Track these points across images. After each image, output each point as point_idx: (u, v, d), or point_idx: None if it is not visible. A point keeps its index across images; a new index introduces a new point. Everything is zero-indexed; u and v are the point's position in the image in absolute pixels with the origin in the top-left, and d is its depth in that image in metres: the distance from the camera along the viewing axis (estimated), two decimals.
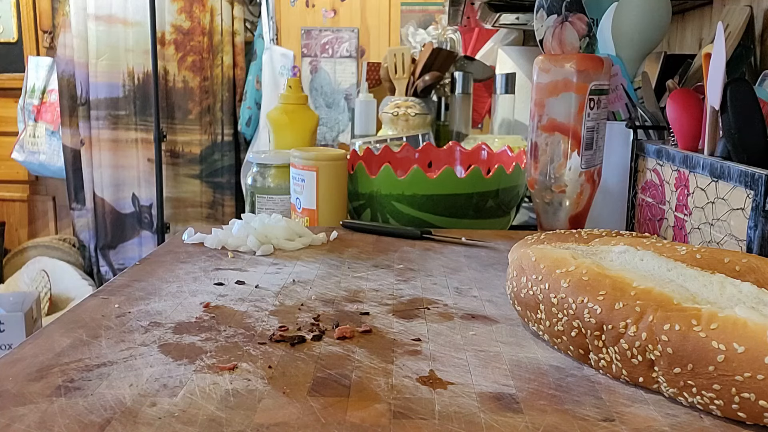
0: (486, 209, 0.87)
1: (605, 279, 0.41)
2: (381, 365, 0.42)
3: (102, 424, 0.34)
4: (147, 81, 2.73)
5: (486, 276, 0.63)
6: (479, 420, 0.36)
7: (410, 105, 1.63)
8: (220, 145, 2.83)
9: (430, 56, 1.78)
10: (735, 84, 0.60)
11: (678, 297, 0.38)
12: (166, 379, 0.40)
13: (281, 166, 0.95)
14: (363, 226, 0.81)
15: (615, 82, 0.88)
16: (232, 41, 2.83)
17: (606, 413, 0.37)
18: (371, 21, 2.98)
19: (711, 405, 0.36)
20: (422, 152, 1.07)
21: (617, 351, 0.40)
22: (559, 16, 0.94)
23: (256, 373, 0.41)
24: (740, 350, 0.34)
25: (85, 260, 2.86)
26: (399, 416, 0.36)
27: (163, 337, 0.46)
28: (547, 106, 0.80)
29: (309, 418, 0.36)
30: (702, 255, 0.48)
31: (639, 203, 0.80)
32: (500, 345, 0.46)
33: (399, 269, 0.65)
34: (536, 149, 0.82)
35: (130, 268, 0.63)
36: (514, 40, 2.08)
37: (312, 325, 0.49)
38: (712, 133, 0.64)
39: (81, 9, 2.70)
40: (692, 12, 1.19)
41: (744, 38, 0.92)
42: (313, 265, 0.66)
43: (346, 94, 2.97)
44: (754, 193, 0.54)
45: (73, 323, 0.48)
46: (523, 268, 0.48)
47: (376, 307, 0.54)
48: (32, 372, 0.40)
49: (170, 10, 2.74)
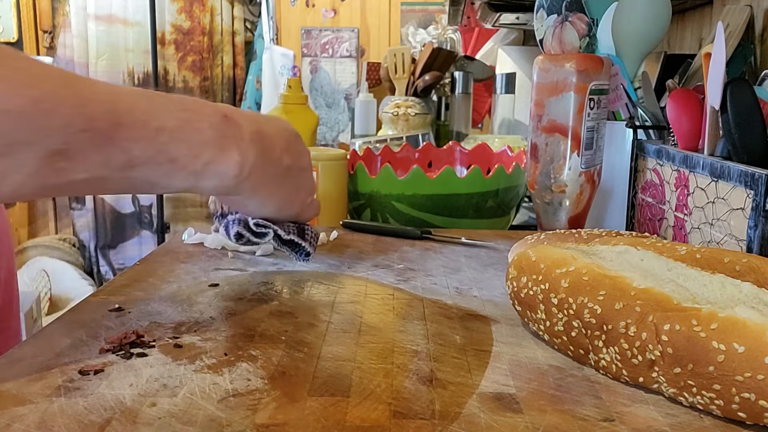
0: (486, 209, 0.87)
1: (605, 279, 0.41)
2: (381, 365, 0.42)
3: (102, 424, 0.34)
4: (147, 81, 2.74)
5: (486, 276, 0.63)
6: (479, 420, 0.36)
7: (410, 105, 1.63)
8: None
9: (430, 56, 1.78)
10: (735, 84, 0.60)
11: (678, 297, 0.38)
12: (166, 379, 0.40)
13: None
14: (363, 226, 0.81)
15: (615, 82, 0.88)
16: (232, 41, 2.84)
17: (606, 413, 0.37)
18: (371, 21, 2.98)
19: (711, 405, 0.36)
20: (422, 152, 1.07)
21: (617, 351, 0.40)
22: (559, 16, 0.94)
23: (256, 373, 0.41)
24: (740, 350, 0.34)
25: (85, 260, 2.86)
26: (399, 416, 0.36)
27: (163, 337, 0.46)
28: (547, 106, 0.80)
29: (309, 418, 0.36)
30: (702, 255, 0.48)
31: (639, 203, 0.80)
32: (500, 345, 0.46)
33: (399, 269, 0.65)
34: (536, 149, 0.82)
35: (130, 268, 0.63)
36: (514, 40, 2.08)
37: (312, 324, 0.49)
38: (712, 133, 0.64)
39: (81, 9, 2.71)
40: (692, 12, 1.19)
41: (744, 38, 0.92)
42: (313, 265, 0.66)
43: (346, 94, 2.97)
44: (754, 193, 0.54)
45: (73, 323, 0.48)
46: (523, 268, 0.48)
47: (376, 306, 0.54)
48: (32, 372, 0.40)
49: (170, 10, 2.75)
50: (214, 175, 0.46)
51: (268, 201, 0.54)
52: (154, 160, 0.42)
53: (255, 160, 0.48)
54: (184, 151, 0.44)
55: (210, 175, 0.46)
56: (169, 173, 0.44)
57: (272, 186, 0.53)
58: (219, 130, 0.46)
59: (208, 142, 0.45)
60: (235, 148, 0.47)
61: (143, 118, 0.42)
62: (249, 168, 0.48)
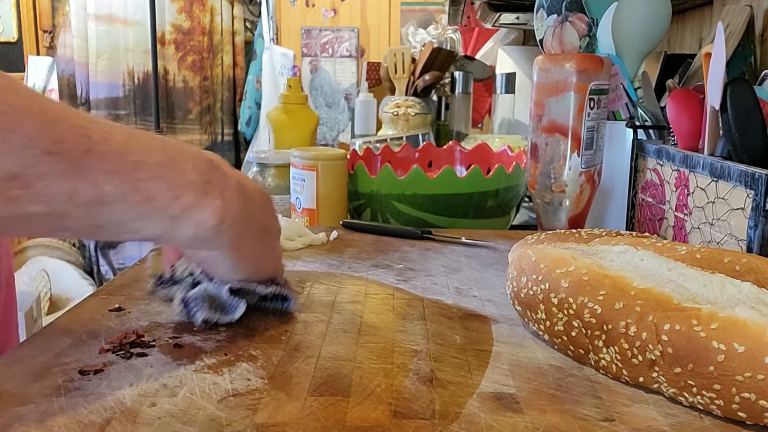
0: (486, 209, 0.87)
1: (605, 279, 0.41)
2: (381, 365, 0.42)
3: (102, 424, 0.34)
4: (147, 81, 2.74)
5: (486, 276, 0.63)
6: (479, 420, 0.36)
7: (410, 105, 1.63)
8: (220, 144, 2.83)
9: (430, 56, 1.78)
10: (735, 84, 0.60)
11: (678, 297, 0.38)
12: (166, 379, 0.40)
13: (281, 165, 0.95)
14: (363, 225, 0.81)
15: (615, 82, 0.88)
16: (232, 41, 2.84)
17: (606, 413, 0.37)
18: (371, 21, 2.98)
19: (711, 405, 0.36)
20: (422, 152, 1.07)
21: (617, 351, 0.40)
22: (559, 16, 0.94)
23: (256, 373, 0.41)
24: (740, 350, 0.34)
25: (85, 260, 2.86)
26: (399, 416, 0.36)
27: (163, 337, 0.46)
28: (547, 106, 0.80)
29: (309, 418, 0.36)
30: (702, 255, 0.48)
31: (639, 203, 0.80)
32: (500, 345, 0.46)
33: (399, 269, 0.65)
34: (536, 149, 0.82)
35: (130, 268, 0.63)
36: (514, 40, 2.08)
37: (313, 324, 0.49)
38: (712, 133, 0.64)
39: (81, 9, 2.70)
40: (692, 12, 1.19)
41: (744, 38, 0.92)
42: (313, 264, 0.66)
43: (346, 94, 2.97)
44: (754, 193, 0.54)
45: (73, 323, 0.48)
46: (523, 268, 0.48)
47: (376, 306, 0.54)
48: (32, 372, 0.40)
49: (170, 9, 2.75)
50: (194, 222, 0.40)
51: (243, 261, 0.47)
52: (127, 199, 0.37)
53: (237, 212, 0.43)
54: (163, 191, 0.38)
55: (188, 222, 0.40)
56: (142, 215, 0.38)
57: (250, 244, 0.47)
58: (203, 174, 0.41)
59: (191, 185, 0.40)
60: (219, 195, 0.42)
61: (120, 150, 0.37)
62: (231, 219, 0.43)
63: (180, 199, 0.39)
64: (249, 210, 0.45)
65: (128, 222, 0.38)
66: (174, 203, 0.39)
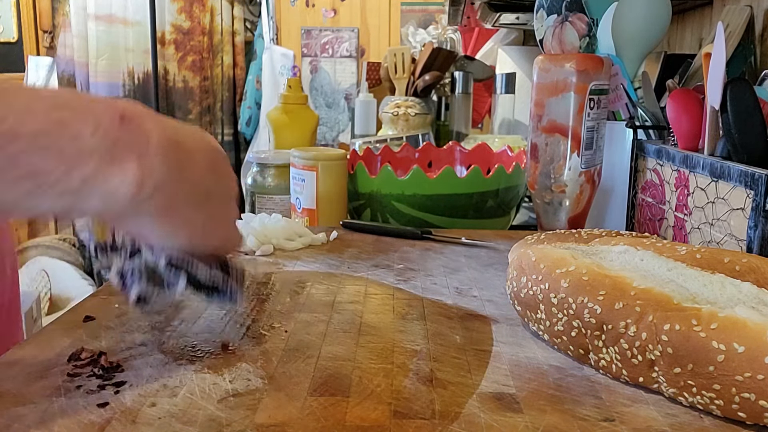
0: (486, 209, 0.87)
1: (605, 279, 0.41)
2: (381, 365, 0.42)
3: (102, 424, 0.34)
4: (147, 81, 2.73)
5: (486, 276, 0.63)
6: (479, 420, 0.36)
7: (410, 105, 1.63)
8: (220, 144, 2.82)
9: (430, 56, 1.78)
10: (735, 84, 0.60)
11: (678, 297, 0.38)
12: (166, 379, 0.40)
13: (281, 165, 0.95)
14: (363, 226, 0.81)
15: (615, 82, 0.88)
16: (232, 41, 2.84)
17: (606, 413, 0.37)
18: (371, 21, 2.98)
19: (711, 405, 0.36)
20: (422, 152, 1.07)
21: (617, 351, 0.40)
22: (559, 16, 0.94)
23: (256, 373, 0.41)
24: (740, 350, 0.34)
25: (85, 260, 2.86)
26: (399, 416, 0.36)
27: (163, 337, 0.46)
28: (547, 106, 0.80)
29: (309, 418, 0.36)
30: (702, 255, 0.48)
31: (639, 203, 0.80)
32: (500, 345, 0.46)
33: (399, 269, 0.65)
34: (536, 149, 0.82)
35: None
36: (514, 40, 2.08)
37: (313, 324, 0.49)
38: (712, 133, 0.64)
39: (81, 9, 2.70)
40: (692, 12, 1.19)
41: (744, 38, 0.92)
42: (313, 265, 0.66)
43: (346, 94, 2.97)
44: (754, 193, 0.54)
45: (73, 323, 0.48)
46: (523, 268, 0.48)
47: (376, 306, 0.54)
48: (32, 372, 0.40)
49: (170, 9, 2.74)
50: (99, 194, 0.35)
51: (179, 230, 0.41)
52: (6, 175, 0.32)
53: (163, 177, 0.37)
54: (51, 164, 0.33)
55: (92, 195, 0.34)
56: (30, 193, 0.33)
57: (187, 211, 0.40)
58: (108, 136, 0.35)
59: (90, 151, 0.34)
60: (132, 160, 0.35)
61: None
62: (152, 186, 0.36)
63: (76, 170, 0.34)
64: (183, 173, 0.39)
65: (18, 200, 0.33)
66: (67, 177, 0.34)
